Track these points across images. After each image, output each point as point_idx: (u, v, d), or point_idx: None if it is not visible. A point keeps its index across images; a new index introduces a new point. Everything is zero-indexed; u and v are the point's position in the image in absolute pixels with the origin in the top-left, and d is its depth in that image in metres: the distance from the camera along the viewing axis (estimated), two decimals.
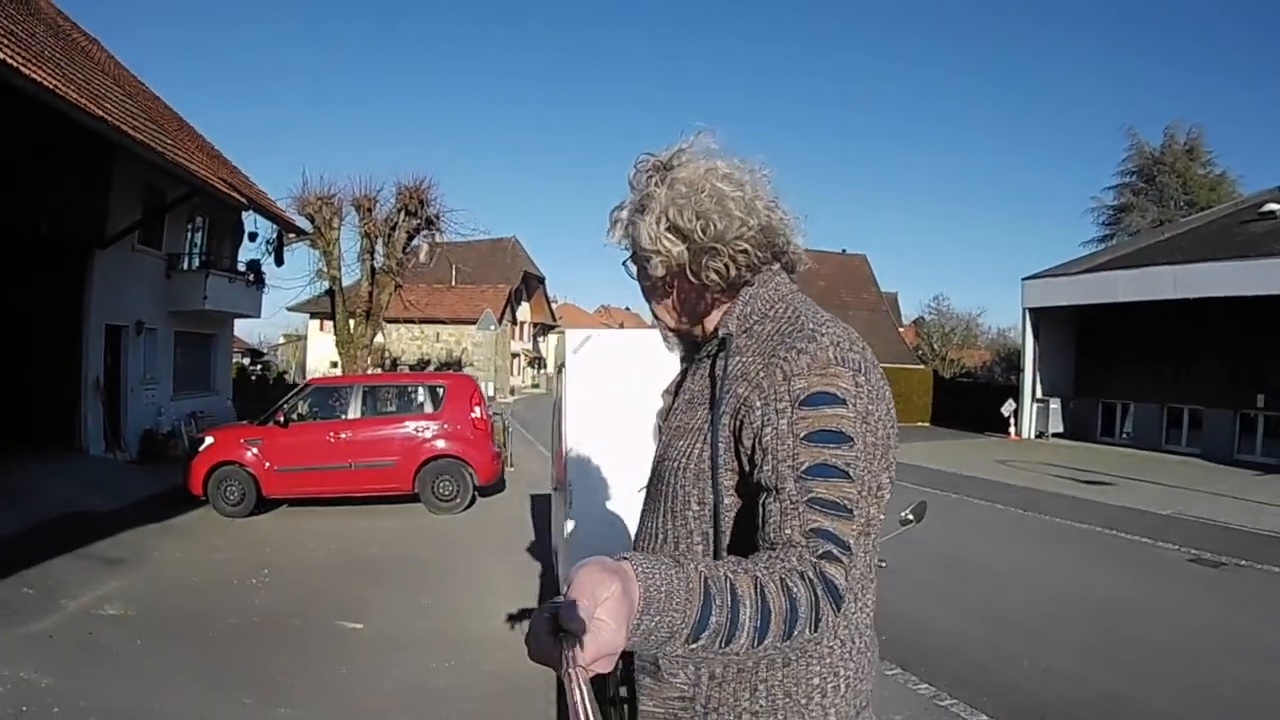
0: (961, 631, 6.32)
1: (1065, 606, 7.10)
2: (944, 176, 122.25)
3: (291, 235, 19.07)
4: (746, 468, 1.26)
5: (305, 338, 42.31)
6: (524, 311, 52.02)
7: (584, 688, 0.81)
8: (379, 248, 18.36)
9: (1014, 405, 27.24)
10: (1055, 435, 25.68)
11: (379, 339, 20.06)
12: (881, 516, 1.35)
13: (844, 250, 50.36)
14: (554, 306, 59.56)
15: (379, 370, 22.41)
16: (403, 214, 18.42)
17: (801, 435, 1.19)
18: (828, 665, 1.33)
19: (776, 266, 1.48)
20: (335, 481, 10.54)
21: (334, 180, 19.04)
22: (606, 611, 0.87)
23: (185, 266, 16.63)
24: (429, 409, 11.11)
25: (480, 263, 22.40)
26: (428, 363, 28.35)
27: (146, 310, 15.08)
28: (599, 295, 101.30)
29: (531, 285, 37.97)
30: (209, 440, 10.44)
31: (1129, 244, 30.35)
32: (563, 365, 5.87)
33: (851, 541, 1.15)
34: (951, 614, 6.81)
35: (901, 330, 50.76)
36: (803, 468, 1.17)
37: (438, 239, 19.48)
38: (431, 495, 10.78)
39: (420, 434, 10.89)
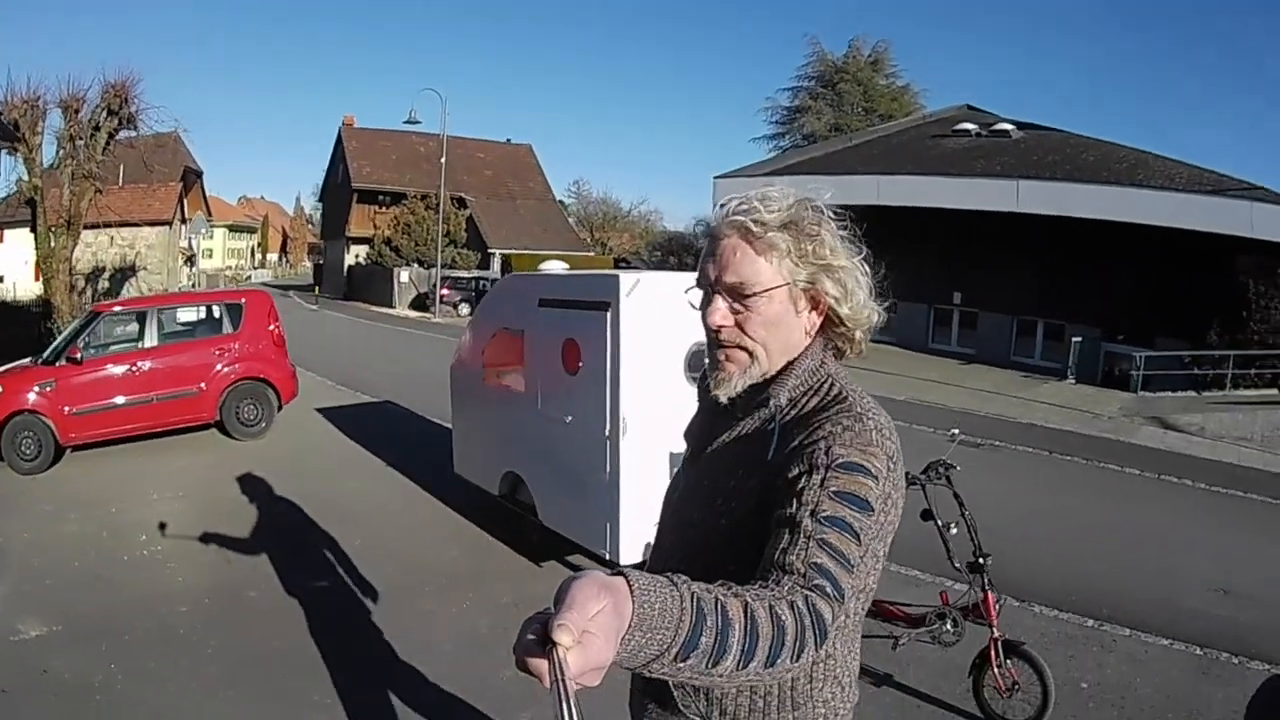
0: None
1: None
2: (619, 76, 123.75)
3: None
4: (771, 525, 1.28)
5: None
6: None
7: (570, 699, 0.81)
8: (81, 150, 16.22)
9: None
10: None
11: (78, 250, 17.79)
12: (874, 589, 1.41)
13: (509, 140, 50.64)
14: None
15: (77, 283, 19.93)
16: (105, 113, 16.52)
17: (831, 490, 1.24)
18: (831, 708, 1.43)
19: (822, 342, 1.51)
20: (136, 417, 9.63)
21: (41, 81, 16.78)
22: (596, 626, 0.87)
23: None
24: (228, 329, 10.34)
25: (139, 161, 20.36)
26: (102, 269, 25.37)
27: None
28: (240, 187, 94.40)
29: (189, 181, 34.59)
30: None
31: (819, 148, 32.40)
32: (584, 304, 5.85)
33: (846, 591, 1.18)
34: None
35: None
36: (822, 514, 1.21)
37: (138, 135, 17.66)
38: (236, 421, 10.26)
39: (223, 356, 10.21)
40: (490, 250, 41.67)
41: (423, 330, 27.83)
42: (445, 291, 33.15)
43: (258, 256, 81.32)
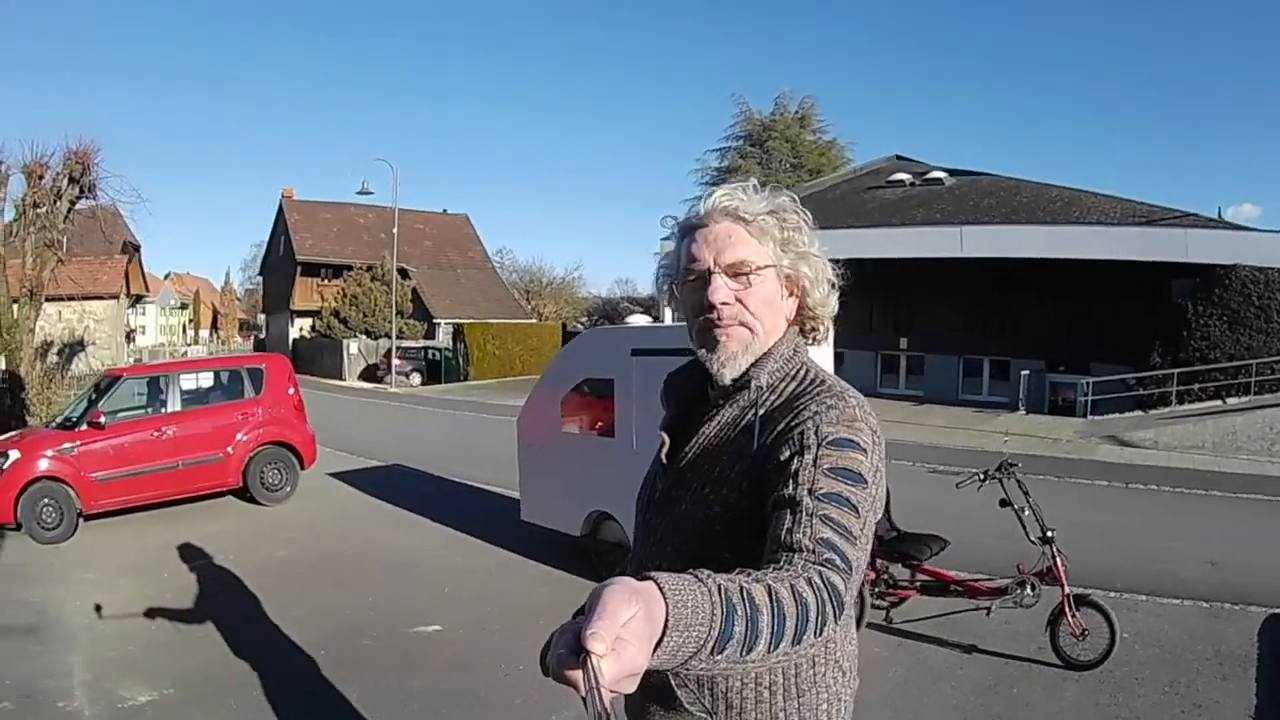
0: None
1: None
2: (551, 141, 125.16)
3: None
4: (768, 507, 1.30)
5: None
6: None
7: (606, 707, 0.80)
8: (44, 219, 15.52)
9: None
10: None
11: (40, 322, 16.98)
12: (866, 561, 1.37)
13: (445, 210, 50.69)
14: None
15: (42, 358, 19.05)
16: (67, 180, 15.83)
17: (824, 468, 1.27)
18: (833, 693, 1.44)
19: (797, 329, 1.58)
20: (162, 484, 9.16)
21: (3, 144, 16.07)
22: (629, 632, 0.86)
23: None
24: (250, 394, 9.99)
25: (80, 232, 19.83)
26: (50, 344, 24.32)
27: None
28: (167, 262, 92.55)
29: (128, 254, 33.66)
30: (14, 455, 8.44)
31: None
32: None
33: (853, 562, 1.20)
34: None
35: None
36: (820, 492, 1.24)
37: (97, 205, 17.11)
38: (260, 485, 9.85)
39: (247, 422, 9.83)
40: (435, 320, 41.33)
41: (384, 400, 27.28)
42: (398, 362, 32.64)
43: (188, 333, 79.05)
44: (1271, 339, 19.32)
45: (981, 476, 5.77)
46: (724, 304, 1.45)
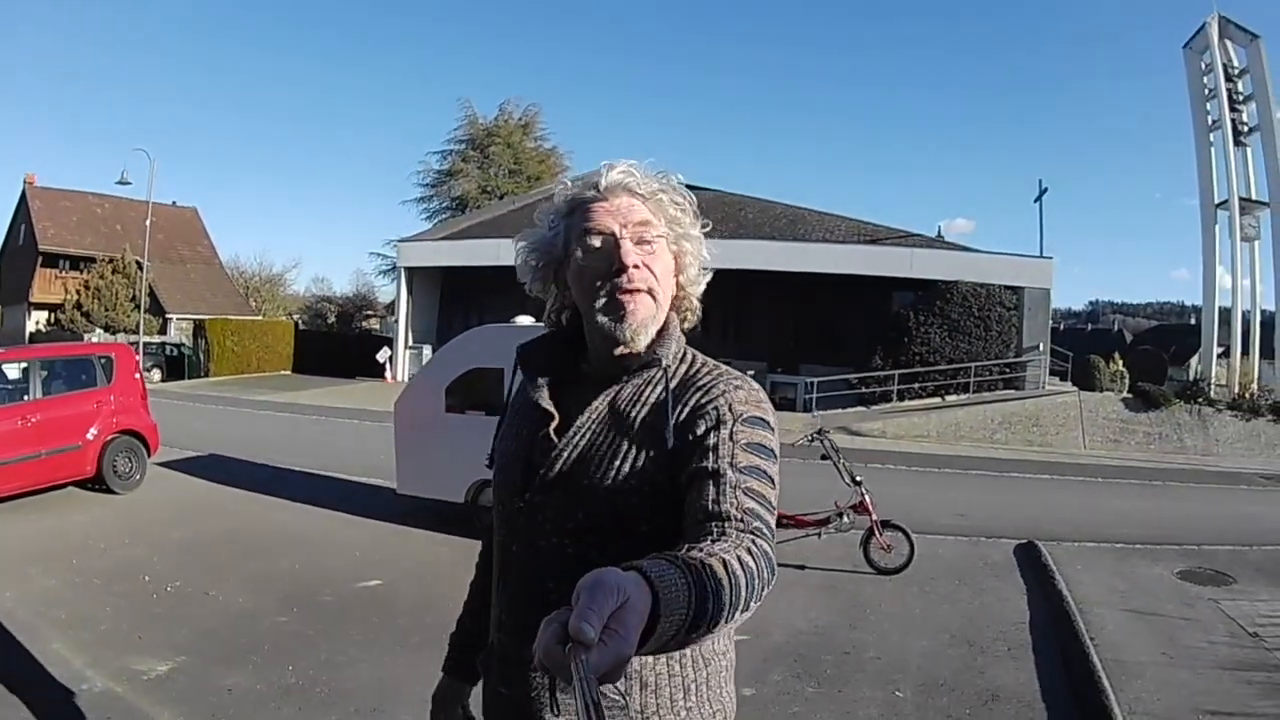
0: None
1: None
2: (279, 137, 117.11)
3: None
4: (684, 479, 1.32)
5: None
6: None
7: (594, 698, 0.78)
8: None
9: (389, 352, 30.04)
10: None
11: None
12: None
13: (174, 202, 47.53)
14: None
15: None
16: None
17: (741, 443, 1.32)
18: (728, 659, 1.50)
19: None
20: (26, 475, 8.89)
21: None
22: (616, 621, 0.85)
23: None
24: (103, 382, 9.88)
25: None
26: None
27: None
28: None
29: None
30: None
31: (486, 212, 35.05)
32: None
33: (773, 530, 1.25)
34: None
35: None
36: (740, 465, 1.29)
37: None
38: (113, 474, 9.81)
39: (100, 410, 9.74)
40: (168, 315, 39.84)
41: None
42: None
43: None
44: (990, 344, 22.96)
45: (809, 439, 8.02)
46: (635, 267, 1.41)
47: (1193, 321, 36.30)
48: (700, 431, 1.34)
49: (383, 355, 29.99)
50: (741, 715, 1.55)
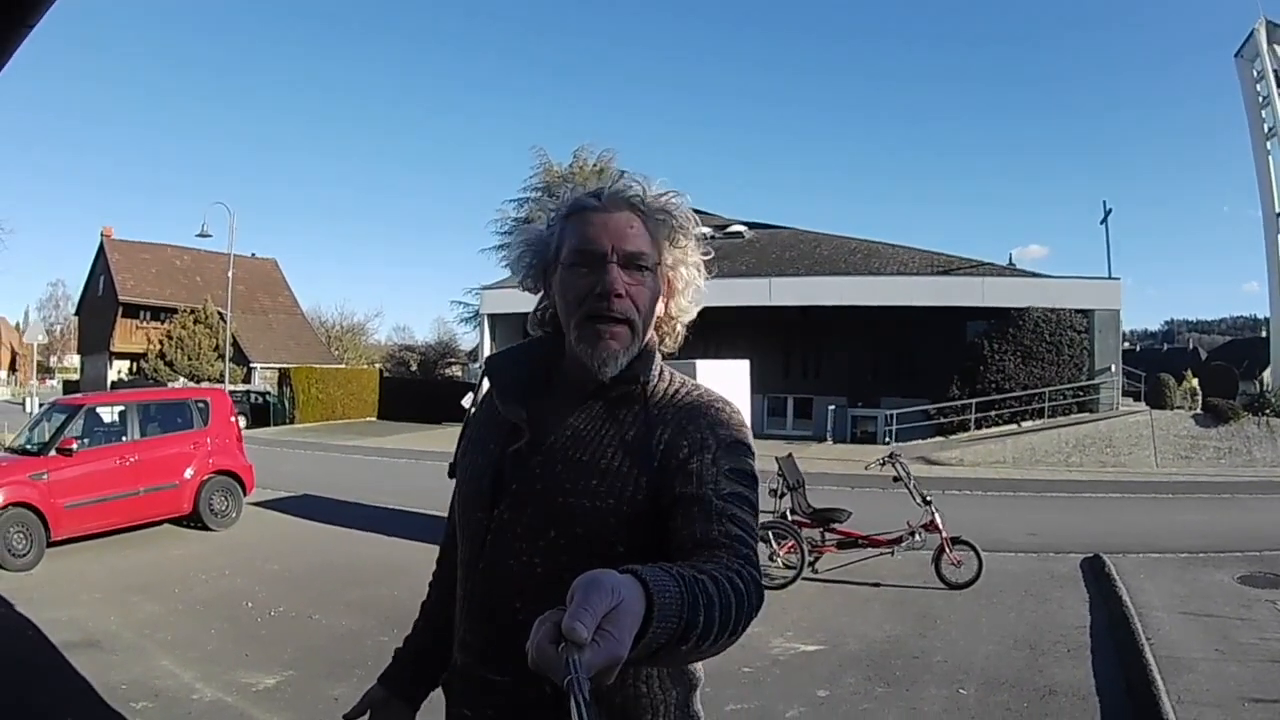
0: None
1: None
2: (360, 191, 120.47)
3: None
4: (665, 502, 1.29)
5: None
6: None
7: (585, 698, 0.78)
8: None
9: (474, 397, 30.21)
10: None
11: None
12: None
13: (254, 254, 48.82)
14: None
15: None
16: None
17: (725, 469, 1.29)
18: (697, 677, 1.44)
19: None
20: (124, 511, 9.17)
21: None
22: (611, 623, 0.84)
23: None
24: (199, 424, 10.15)
25: None
26: None
27: None
28: None
29: None
30: None
31: None
32: None
33: (757, 557, 1.23)
34: None
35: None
36: (724, 492, 1.26)
37: None
38: (209, 511, 10.01)
39: (197, 451, 10.00)
40: (252, 364, 40.46)
41: None
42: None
43: None
44: (1062, 369, 22.42)
45: (880, 463, 8.36)
46: (618, 296, 1.35)
47: (1264, 334, 34.97)
48: (683, 455, 1.31)
49: (468, 400, 29.94)
50: (816, 715, 1.45)
